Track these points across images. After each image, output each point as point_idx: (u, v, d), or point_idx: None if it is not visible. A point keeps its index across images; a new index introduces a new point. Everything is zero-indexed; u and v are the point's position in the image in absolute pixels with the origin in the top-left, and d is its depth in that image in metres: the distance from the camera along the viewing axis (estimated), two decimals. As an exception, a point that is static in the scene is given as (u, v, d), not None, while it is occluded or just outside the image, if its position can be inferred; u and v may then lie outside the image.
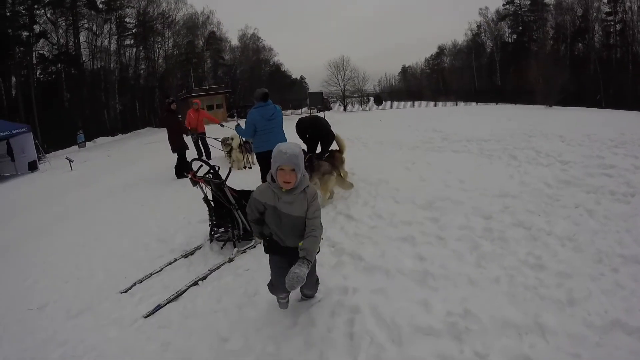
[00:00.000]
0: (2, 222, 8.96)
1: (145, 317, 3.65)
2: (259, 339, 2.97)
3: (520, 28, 49.97)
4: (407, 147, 9.05)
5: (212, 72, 50.83)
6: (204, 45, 49.63)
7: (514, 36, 50.82)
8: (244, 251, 4.59)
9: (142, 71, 45.19)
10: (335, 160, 6.04)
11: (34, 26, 35.82)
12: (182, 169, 9.08)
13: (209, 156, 10.78)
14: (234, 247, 4.66)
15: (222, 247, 4.78)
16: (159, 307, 3.76)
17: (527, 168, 6.36)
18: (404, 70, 68.92)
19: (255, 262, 4.28)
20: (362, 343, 2.70)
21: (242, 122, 6.13)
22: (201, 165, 4.81)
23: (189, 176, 4.70)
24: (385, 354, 2.58)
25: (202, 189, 4.84)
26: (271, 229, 2.78)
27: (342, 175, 5.73)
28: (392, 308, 2.98)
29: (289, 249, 2.72)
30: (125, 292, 4.24)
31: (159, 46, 45.92)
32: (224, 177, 4.68)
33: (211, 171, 4.66)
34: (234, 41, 53.66)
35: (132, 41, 44.13)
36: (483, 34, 53.32)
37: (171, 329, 3.40)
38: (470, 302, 2.94)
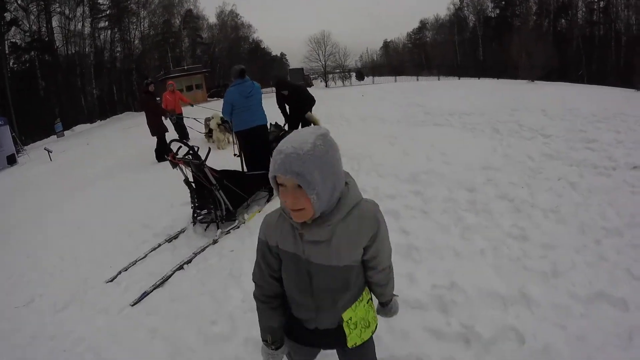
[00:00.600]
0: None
1: (132, 305, 3.61)
2: (245, 321, 2.94)
3: (503, 3, 49.73)
4: (390, 122, 9.01)
5: (190, 51, 49.74)
6: (180, 24, 48.39)
7: (497, 11, 50.51)
8: (228, 232, 4.54)
9: (118, 54, 44.03)
10: None
11: (5, 14, 34.52)
12: (162, 151, 8.90)
13: (186, 138, 10.46)
14: (218, 228, 4.61)
15: (205, 229, 4.72)
16: (145, 294, 3.71)
17: (510, 141, 6.41)
18: (386, 45, 68.23)
19: (239, 242, 4.25)
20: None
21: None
22: (180, 147, 4.70)
23: (169, 158, 4.59)
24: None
25: (182, 170, 4.73)
26: (291, 295, 1.51)
27: None
28: None
29: (323, 333, 1.51)
30: (111, 281, 4.18)
31: (135, 27, 44.65)
32: (203, 158, 4.58)
33: (190, 152, 4.55)
34: (212, 19, 52.42)
35: (107, 23, 42.79)
36: (466, 8, 52.92)
37: (158, 315, 3.37)
38: (456, 274, 2.95)
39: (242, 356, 2.65)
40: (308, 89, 7.84)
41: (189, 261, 4.11)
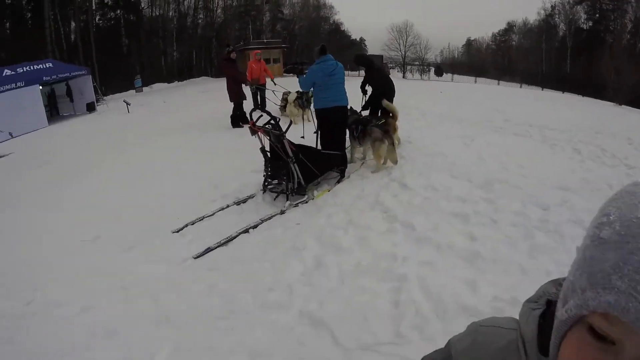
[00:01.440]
0: (61, 154, 9.37)
1: (195, 258, 3.81)
2: (302, 295, 3.04)
3: (597, 16, 45.94)
4: (467, 123, 8.74)
5: (270, 25, 49.83)
6: (263, -2, 48.76)
7: (590, 23, 46.57)
8: (296, 205, 4.66)
9: (200, 21, 44.94)
10: (388, 126, 5.88)
11: None
12: (238, 118, 9.20)
13: (263, 107, 10.56)
14: (287, 200, 4.74)
15: (274, 199, 4.88)
16: (208, 250, 3.91)
17: (591, 165, 6.06)
18: (469, 44, 65.01)
19: (306, 216, 4.36)
20: (407, 312, 2.71)
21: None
22: (261, 116, 4.85)
23: (249, 125, 4.75)
24: (429, 327, 2.58)
25: (260, 139, 4.89)
26: None
27: (394, 143, 5.66)
28: (439, 282, 2.97)
29: None
30: (177, 232, 4.42)
31: (219, -5, 45.47)
32: (284, 130, 4.69)
33: (271, 122, 4.68)
34: None
35: (192, -11, 43.81)
36: (557, 16, 48.98)
37: (218, 272, 3.53)
38: (519, 291, 2.83)
39: (296, 327, 2.72)
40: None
41: (255, 226, 4.27)
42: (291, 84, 12.40)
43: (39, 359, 2.68)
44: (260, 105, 10.37)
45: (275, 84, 10.35)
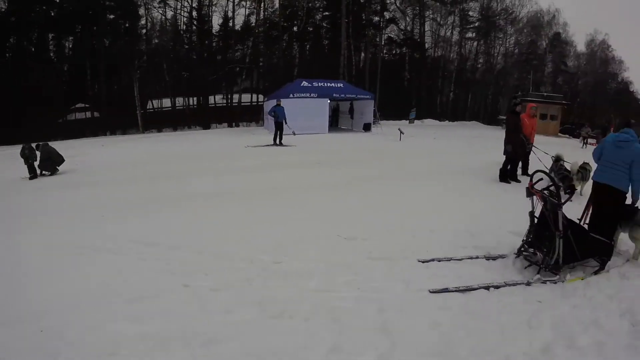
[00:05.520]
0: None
1: (430, 292, 4.01)
2: None
3: None
4: None
5: (551, 77, 46.39)
6: (546, 47, 45.49)
7: None
8: (545, 282, 4.34)
9: (479, 65, 45.44)
10: None
11: (385, 12, 40.91)
12: (507, 173, 9.03)
13: (526, 170, 9.68)
14: (537, 272, 4.46)
15: (525, 268, 4.66)
16: (446, 290, 4.05)
17: None
18: None
19: (551, 297, 4.06)
20: None
21: None
22: (541, 179, 4.66)
23: (527, 186, 4.64)
24: None
25: (532, 202, 4.71)
26: None
27: None
28: None
29: None
30: (423, 262, 4.73)
31: (500, 42, 44.82)
32: (562, 200, 4.43)
33: (551, 188, 4.50)
34: (580, 46, 46.93)
35: (474, 34, 44.58)
36: None
37: (447, 314, 3.66)
38: None
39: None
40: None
41: (497, 286, 4.19)
42: (562, 146, 11.49)
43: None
44: (523, 166, 9.77)
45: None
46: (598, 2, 72.38)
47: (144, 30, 33.58)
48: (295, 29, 37.75)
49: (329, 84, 21.99)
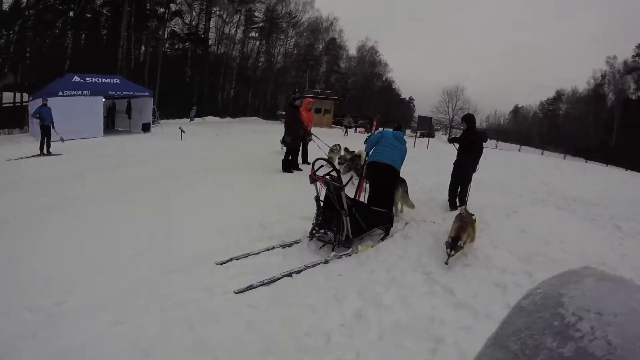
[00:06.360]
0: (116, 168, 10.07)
1: (236, 293, 3.89)
2: (339, 344, 3.13)
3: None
4: (510, 194, 8.70)
5: (325, 76, 52.20)
6: (323, 50, 51.07)
7: (639, 94, 45.84)
8: (340, 257, 4.80)
9: (260, 64, 47.74)
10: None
11: (171, 4, 39.55)
12: (289, 164, 9.52)
13: (305, 159, 10.58)
14: (332, 250, 4.90)
15: (319, 248, 5.05)
16: (251, 287, 4.00)
17: (631, 242, 5.90)
18: (516, 111, 64.92)
19: (349, 269, 4.48)
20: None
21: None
22: (321, 166, 5.13)
23: (310, 174, 5.04)
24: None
25: (316, 188, 5.13)
26: None
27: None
28: (475, 348, 3.05)
29: None
30: (221, 264, 4.53)
31: (281, 43, 48.21)
32: (344, 182, 5.00)
33: (332, 174, 4.98)
34: (352, 51, 54.37)
35: (257, 34, 46.78)
36: (606, 86, 48.45)
37: (258, 310, 3.61)
38: None
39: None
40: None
41: (298, 271, 4.40)
42: (334, 137, 12.74)
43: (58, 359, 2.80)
44: (302, 155, 10.57)
45: (309, 137, 10.52)
46: (370, 13, 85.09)
47: None
48: (71, 13, 32.68)
49: (104, 80, 19.54)
